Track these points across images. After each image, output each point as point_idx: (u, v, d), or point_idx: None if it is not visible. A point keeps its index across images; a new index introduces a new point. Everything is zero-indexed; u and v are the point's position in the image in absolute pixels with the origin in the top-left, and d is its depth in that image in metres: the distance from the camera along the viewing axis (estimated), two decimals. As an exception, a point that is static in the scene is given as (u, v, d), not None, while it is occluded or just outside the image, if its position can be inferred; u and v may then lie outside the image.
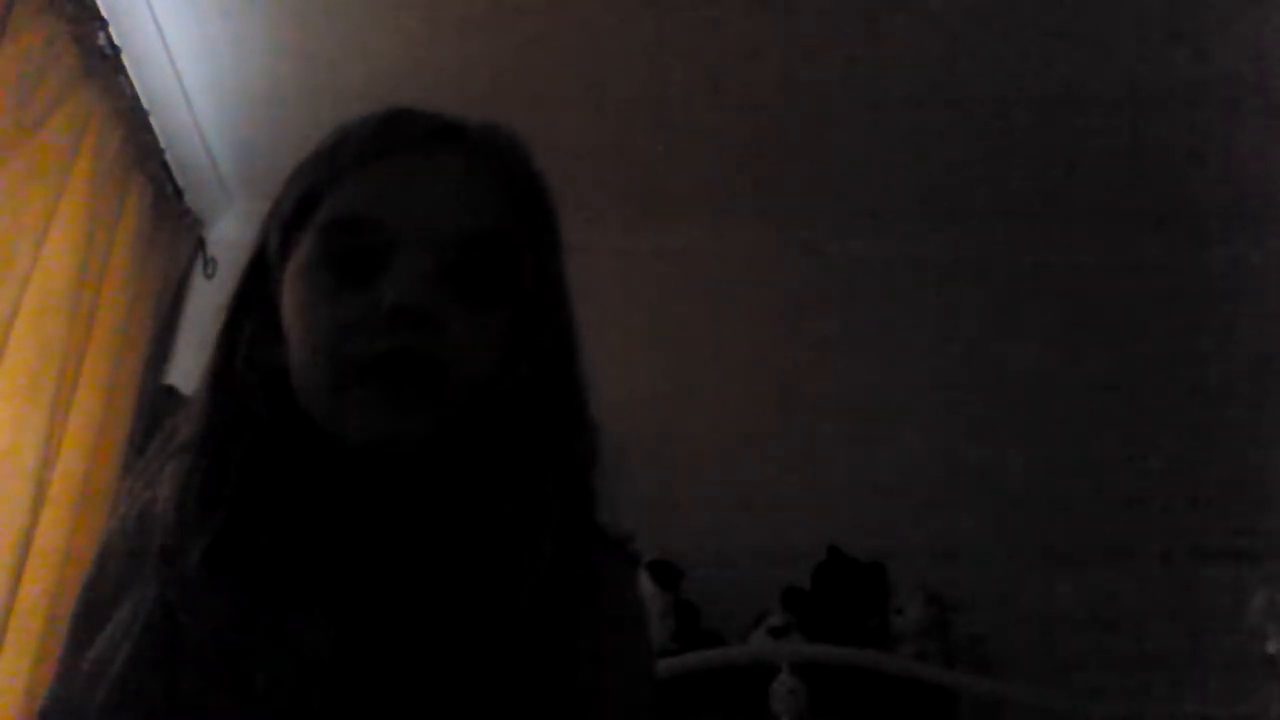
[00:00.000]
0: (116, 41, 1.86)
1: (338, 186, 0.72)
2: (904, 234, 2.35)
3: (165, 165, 2.14)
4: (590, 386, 0.76)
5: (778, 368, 2.26)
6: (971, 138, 2.16)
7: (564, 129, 2.13)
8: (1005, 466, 2.08)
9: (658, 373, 2.14)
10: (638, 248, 2.29)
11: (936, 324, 2.30)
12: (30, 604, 1.66)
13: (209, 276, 2.31)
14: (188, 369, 2.13)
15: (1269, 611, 1.78)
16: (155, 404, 2.07)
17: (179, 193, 2.23)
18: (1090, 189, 2.25)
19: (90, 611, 0.71)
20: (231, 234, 2.35)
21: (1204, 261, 2.24)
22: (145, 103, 2.02)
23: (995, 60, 1.99)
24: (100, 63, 1.84)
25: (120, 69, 1.90)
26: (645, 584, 1.86)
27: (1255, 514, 1.94)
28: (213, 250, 2.33)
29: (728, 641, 1.85)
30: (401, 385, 0.66)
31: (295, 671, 0.64)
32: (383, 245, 0.68)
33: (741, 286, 2.35)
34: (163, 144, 2.11)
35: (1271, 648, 1.77)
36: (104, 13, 1.82)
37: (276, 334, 0.72)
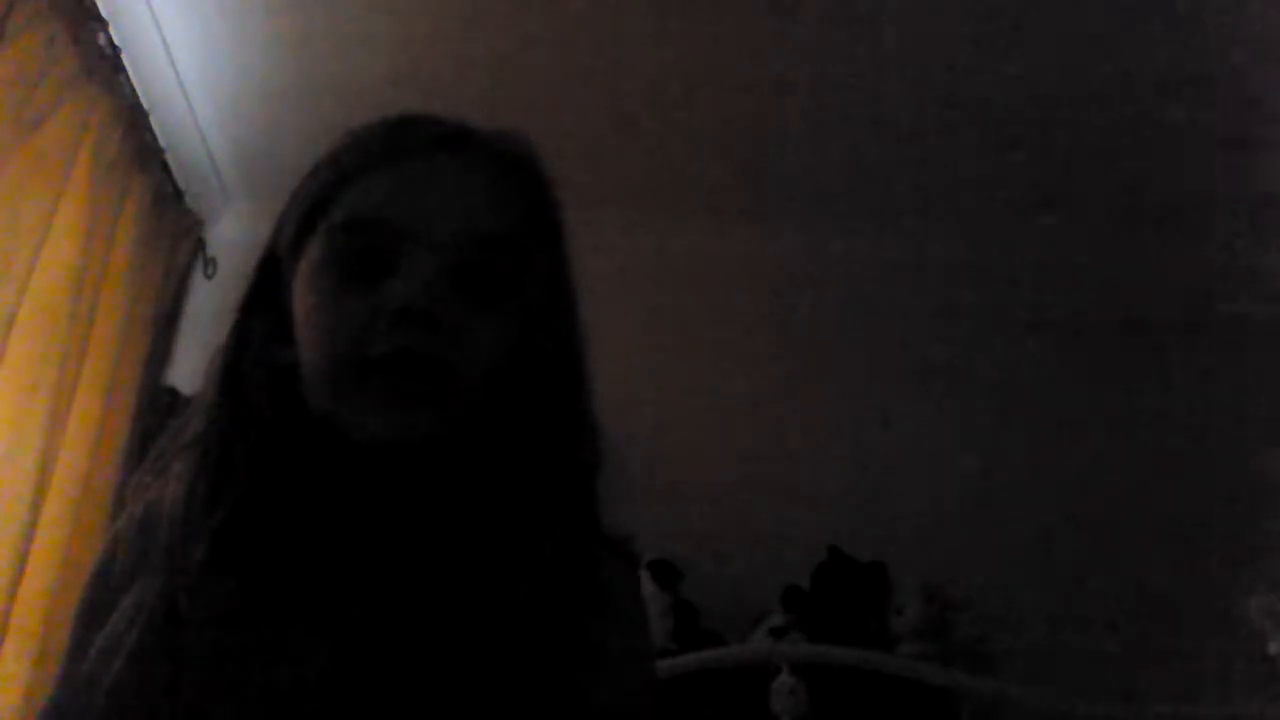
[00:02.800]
0: (116, 42, 1.87)
1: (348, 189, 0.73)
2: (904, 234, 2.35)
3: (165, 165, 2.15)
4: (594, 389, 0.77)
5: (777, 368, 2.26)
6: (971, 138, 2.16)
7: (563, 129, 2.13)
8: (1004, 467, 2.08)
9: (657, 373, 2.14)
10: (638, 248, 2.29)
11: (936, 324, 2.30)
12: (30, 604, 1.66)
13: (209, 277, 2.31)
14: (188, 369, 2.13)
15: (1269, 611, 1.78)
16: (155, 404, 2.07)
17: (179, 193, 2.23)
18: (1090, 188, 2.25)
19: (95, 608, 0.71)
20: (231, 234, 2.35)
21: (1205, 261, 2.24)
22: (145, 103, 2.02)
23: (995, 60, 1.99)
24: (100, 63, 1.84)
25: (120, 69, 1.90)
26: (645, 584, 1.86)
27: (1255, 514, 1.94)
28: (213, 250, 2.33)
29: (728, 641, 1.85)
30: (405, 386, 0.67)
31: (292, 680, 0.64)
32: (391, 246, 0.69)
33: (741, 286, 2.35)
34: (163, 144, 2.11)
35: (1272, 648, 1.77)
36: (104, 13, 1.82)
37: (286, 333, 0.73)
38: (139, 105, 2.00)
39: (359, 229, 0.71)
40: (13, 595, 1.60)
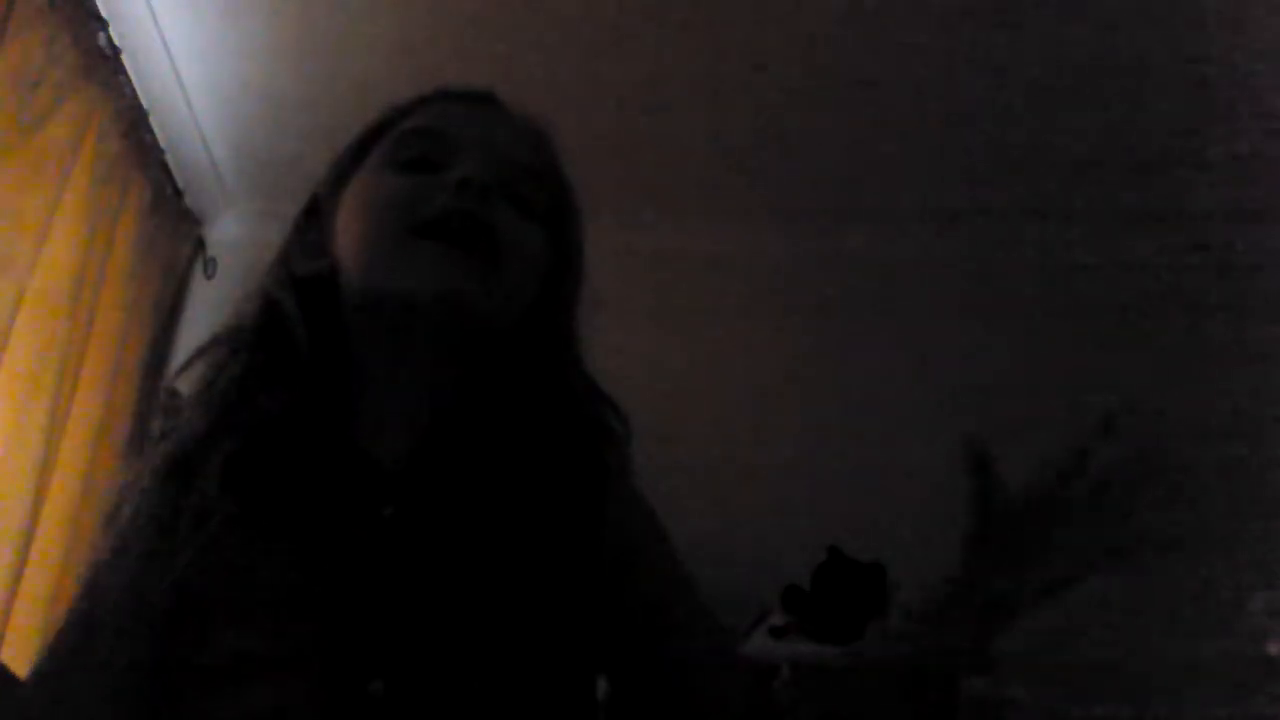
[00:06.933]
0: (116, 42, 1.87)
1: (404, 119, 0.81)
2: (904, 234, 2.34)
3: (165, 166, 2.14)
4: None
5: (777, 367, 2.25)
6: (971, 138, 2.16)
7: (563, 129, 2.13)
8: (1005, 467, 2.08)
9: (657, 372, 2.14)
10: (638, 248, 2.29)
11: (936, 324, 2.29)
12: (30, 604, 1.66)
13: (209, 277, 2.31)
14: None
15: (1269, 611, 1.78)
16: (155, 404, 2.07)
17: (179, 193, 2.23)
18: (1090, 189, 2.25)
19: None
20: (231, 234, 2.35)
21: (1204, 261, 2.24)
22: (145, 103, 2.02)
23: (995, 60, 1.99)
24: (100, 63, 1.84)
25: (120, 69, 1.90)
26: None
27: (1255, 515, 1.94)
28: (213, 250, 2.33)
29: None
30: (460, 245, 0.71)
31: (330, 590, 0.66)
32: (448, 151, 0.76)
33: (742, 286, 2.35)
34: (163, 144, 2.11)
35: (1272, 648, 1.77)
36: (104, 13, 1.82)
37: (320, 250, 0.78)
38: (139, 105, 2.00)
39: (420, 134, 0.78)
40: (13, 595, 1.60)
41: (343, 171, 0.80)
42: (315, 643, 0.64)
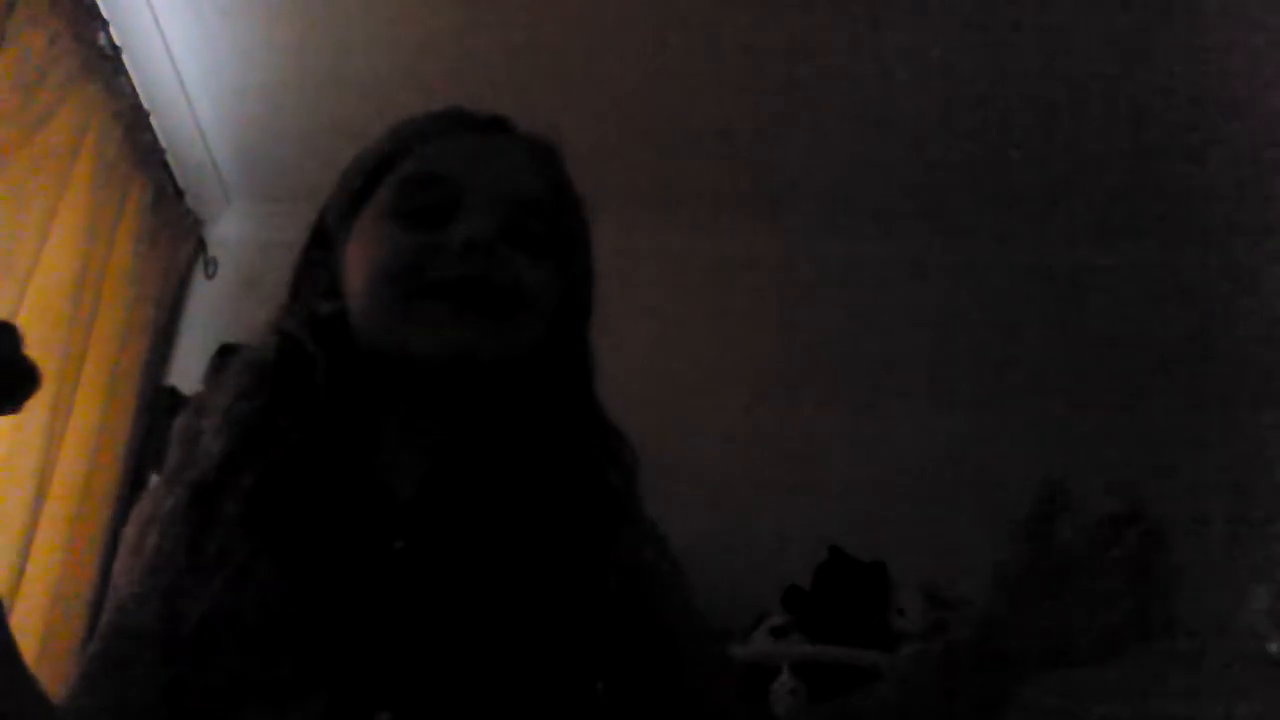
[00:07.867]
0: (117, 41, 1.87)
1: (408, 156, 0.80)
2: (904, 234, 2.34)
3: (165, 165, 2.14)
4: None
5: (777, 368, 2.26)
6: (971, 138, 2.16)
7: (563, 129, 2.13)
8: (1006, 466, 2.08)
9: (657, 373, 2.14)
10: (638, 248, 2.29)
11: (936, 324, 2.29)
12: (31, 603, 1.66)
13: (209, 277, 2.31)
14: (188, 369, 2.13)
15: (1269, 611, 1.78)
16: (155, 404, 2.07)
17: (179, 193, 2.23)
18: (1090, 189, 2.25)
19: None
20: (231, 234, 2.35)
21: (1204, 262, 2.24)
22: (145, 103, 2.02)
23: (996, 61, 1.99)
24: (101, 63, 1.84)
25: (121, 69, 1.90)
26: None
27: (1255, 514, 1.94)
28: (213, 250, 2.33)
29: (728, 642, 1.85)
30: (472, 306, 0.71)
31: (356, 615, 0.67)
32: (451, 199, 0.76)
33: (741, 286, 2.35)
34: (163, 144, 2.11)
35: (1272, 648, 1.77)
36: (104, 13, 1.82)
37: (334, 288, 0.78)
38: (139, 105, 2.00)
39: (423, 182, 0.77)
40: (14, 595, 1.60)
41: (350, 203, 0.79)
42: (322, 672, 0.64)
